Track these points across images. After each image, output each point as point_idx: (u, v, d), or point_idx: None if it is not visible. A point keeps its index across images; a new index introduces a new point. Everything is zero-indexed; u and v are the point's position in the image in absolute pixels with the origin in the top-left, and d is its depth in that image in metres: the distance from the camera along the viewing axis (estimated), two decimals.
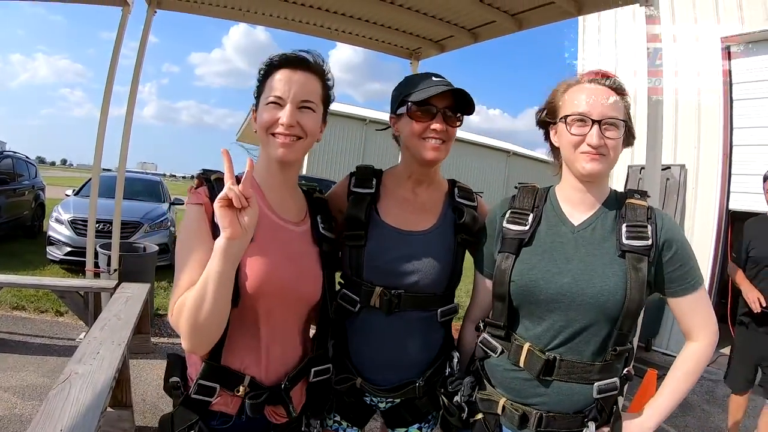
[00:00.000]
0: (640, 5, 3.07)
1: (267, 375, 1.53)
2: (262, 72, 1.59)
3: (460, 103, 1.71)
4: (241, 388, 1.47)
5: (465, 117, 1.75)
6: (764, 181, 4.08)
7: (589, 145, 1.48)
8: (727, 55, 7.11)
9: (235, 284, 1.37)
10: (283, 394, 1.54)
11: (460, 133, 1.79)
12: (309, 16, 4.78)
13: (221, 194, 1.25)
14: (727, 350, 7.19)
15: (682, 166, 7.58)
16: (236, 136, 34.04)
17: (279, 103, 1.51)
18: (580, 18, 8.53)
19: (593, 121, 1.48)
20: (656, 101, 2.90)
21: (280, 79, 1.52)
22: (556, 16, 3.78)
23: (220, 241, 1.27)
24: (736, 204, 7.02)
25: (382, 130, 1.85)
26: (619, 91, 1.56)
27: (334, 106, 1.76)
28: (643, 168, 7.97)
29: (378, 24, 4.80)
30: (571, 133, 1.52)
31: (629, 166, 8.01)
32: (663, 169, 7.66)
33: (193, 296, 1.28)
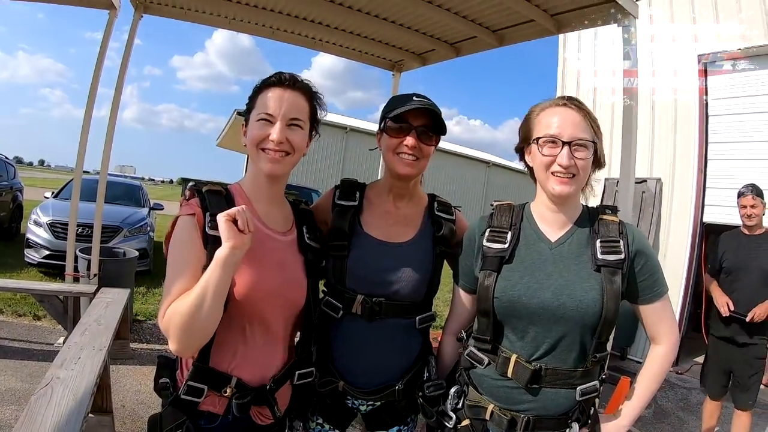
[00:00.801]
0: (618, 26, 3.15)
1: (253, 377, 1.59)
2: (254, 89, 1.66)
3: (437, 124, 1.80)
4: (228, 389, 1.53)
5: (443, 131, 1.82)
6: (738, 197, 4.30)
7: (559, 165, 1.56)
8: (704, 72, 7.26)
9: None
10: (268, 395, 1.60)
11: (440, 143, 1.87)
12: (293, 25, 4.82)
13: (229, 211, 1.35)
14: (700, 358, 7.31)
15: (658, 180, 7.72)
16: (216, 141, 33.80)
17: (269, 120, 1.58)
18: None
19: (563, 143, 1.56)
20: (630, 111, 2.99)
21: (272, 97, 1.59)
22: (536, 33, 3.88)
23: (222, 251, 1.35)
24: (711, 217, 7.18)
25: (373, 150, 1.93)
26: (589, 114, 1.63)
27: None
28: (620, 181, 8.12)
29: (361, 35, 4.86)
30: (543, 154, 1.60)
31: (606, 179, 8.11)
32: (639, 182, 7.80)
33: (191, 302, 1.34)
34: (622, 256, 1.58)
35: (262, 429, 1.66)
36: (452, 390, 1.78)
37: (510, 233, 1.70)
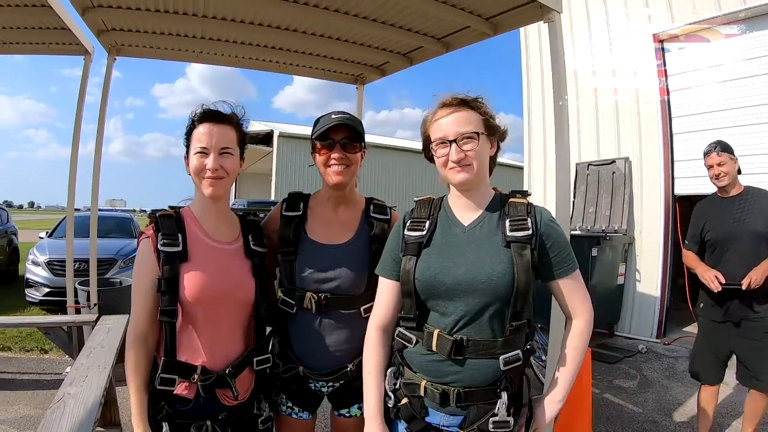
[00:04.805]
0: (544, 22, 3.37)
1: (214, 364, 1.91)
2: (187, 126, 1.96)
3: (356, 133, 2.11)
4: (196, 376, 1.86)
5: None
6: (704, 156, 3.81)
7: (451, 161, 1.75)
8: (661, 49, 7.55)
9: (178, 295, 1.81)
10: (227, 378, 1.92)
11: (393, 141, 2.14)
12: (259, 53, 5.04)
13: None
14: (689, 329, 7.40)
15: (626, 159, 7.96)
16: None
17: (205, 152, 1.89)
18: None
19: (450, 141, 1.75)
20: (561, 106, 3.19)
21: (203, 132, 1.90)
22: (476, 37, 4.19)
23: None
24: (682, 189, 7.42)
25: (311, 166, 2.22)
26: (472, 105, 1.80)
27: (301, 130, 2.05)
28: (590, 164, 8.42)
29: (324, 56, 5.15)
30: (438, 156, 1.81)
31: (577, 164, 8.43)
32: (608, 163, 8.08)
33: None
34: (530, 232, 1.74)
35: (231, 409, 1.97)
36: (389, 370, 1.91)
37: (428, 222, 1.88)
